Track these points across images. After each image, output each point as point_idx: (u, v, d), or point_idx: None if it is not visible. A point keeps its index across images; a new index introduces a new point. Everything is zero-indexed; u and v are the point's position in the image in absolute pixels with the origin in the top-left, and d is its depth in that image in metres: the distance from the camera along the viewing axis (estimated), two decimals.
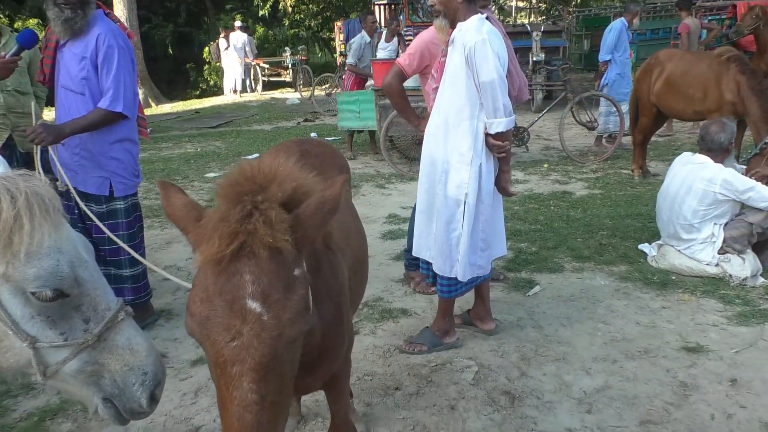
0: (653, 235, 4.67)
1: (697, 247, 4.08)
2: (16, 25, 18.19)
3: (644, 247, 4.50)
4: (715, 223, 4.04)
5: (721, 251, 4.03)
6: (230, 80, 17.51)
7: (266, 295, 1.15)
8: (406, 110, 3.72)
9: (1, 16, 17.96)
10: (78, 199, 2.82)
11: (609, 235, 4.89)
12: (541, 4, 22.98)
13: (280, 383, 1.20)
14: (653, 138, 7.18)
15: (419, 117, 3.74)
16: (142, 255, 3.62)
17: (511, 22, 19.72)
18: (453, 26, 3.03)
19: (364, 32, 9.11)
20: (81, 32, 3.20)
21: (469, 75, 2.92)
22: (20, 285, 1.26)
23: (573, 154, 7.91)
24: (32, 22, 17.62)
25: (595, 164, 7.63)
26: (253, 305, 1.14)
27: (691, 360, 3.09)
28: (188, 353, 3.30)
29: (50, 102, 4.16)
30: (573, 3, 24.18)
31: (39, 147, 2.95)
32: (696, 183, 4.03)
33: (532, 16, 23.34)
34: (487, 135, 2.98)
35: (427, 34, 3.49)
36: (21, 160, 3.65)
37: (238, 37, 16.88)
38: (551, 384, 2.94)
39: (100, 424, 2.71)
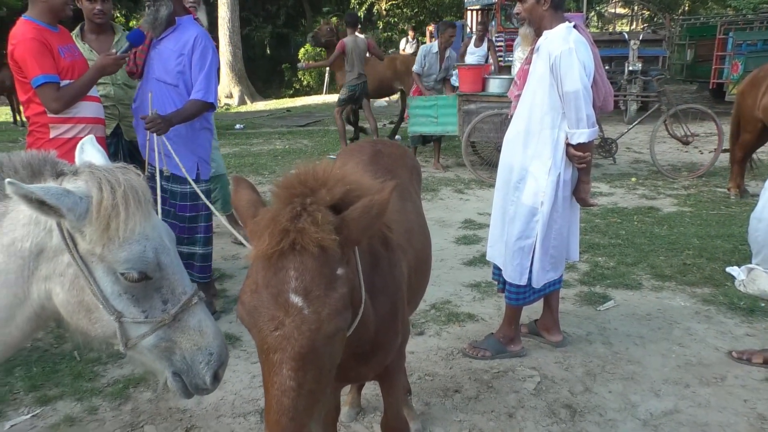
0: (744, 258, 4.39)
1: None
2: (131, 24, 19.59)
3: (732, 270, 4.25)
4: None
5: None
6: None
7: (308, 291, 1.23)
8: None
9: (118, 15, 19.39)
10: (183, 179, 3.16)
11: (695, 255, 4.66)
12: (643, 11, 22.03)
13: (318, 373, 1.27)
14: (755, 155, 6.72)
15: None
16: (212, 236, 3.88)
17: (609, 30, 19.04)
18: (539, 34, 3.02)
19: (435, 42, 8.48)
20: (162, 29, 3.48)
21: (552, 84, 2.90)
22: (112, 266, 1.41)
23: (664, 169, 7.56)
24: None
25: (687, 180, 7.26)
26: (296, 299, 1.22)
27: None
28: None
29: None
30: (680, 11, 23.01)
31: (153, 134, 3.29)
32: None
33: (634, 23, 22.39)
34: (568, 145, 2.95)
35: None
36: (125, 147, 3.98)
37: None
38: (616, 402, 2.86)
39: (176, 397, 2.91)
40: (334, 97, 17.82)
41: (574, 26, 2.93)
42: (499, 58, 10.52)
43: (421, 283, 2.30)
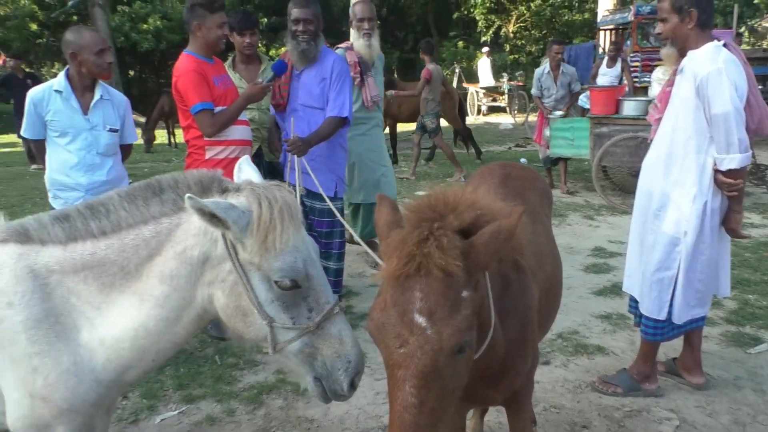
0: None
1: None
2: (270, 53, 21.09)
3: None
4: None
5: None
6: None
7: (432, 312, 1.27)
8: None
9: (260, 45, 20.94)
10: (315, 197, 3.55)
11: None
12: None
13: (441, 393, 1.30)
14: None
15: None
16: (344, 253, 4.06)
17: (764, 45, 17.48)
18: (682, 54, 2.87)
19: (547, 63, 8.34)
20: (314, 60, 3.77)
21: (698, 106, 2.73)
22: (267, 274, 1.54)
23: None
24: (283, 50, 20.30)
25: None
26: (420, 319, 1.27)
27: None
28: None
29: None
30: None
31: (294, 156, 3.53)
32: None
33: None
34: (716, 171, 2.75)
35: None
36: (265, 167, 4.28)
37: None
38: None
39: (305, 405, 3.06)
40: None
41: (724, 45, 2.75)
42: (635, 79, 10.02)
43: (551, 307, 2.26)
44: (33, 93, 3.20)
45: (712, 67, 2.63)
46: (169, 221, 1.56)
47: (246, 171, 1.74)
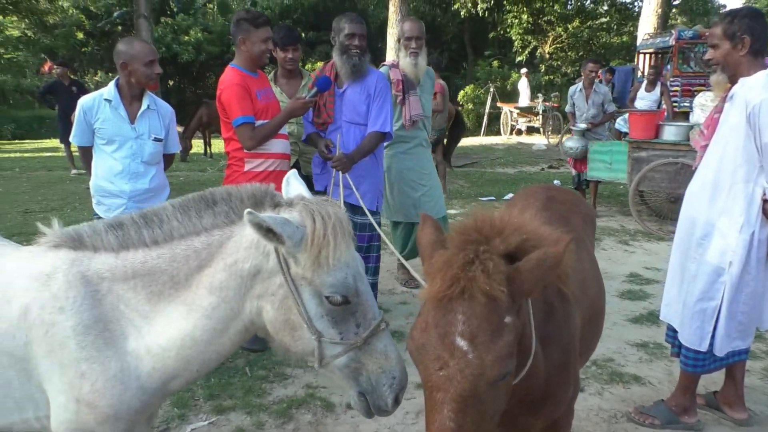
0: None
1: None
2: (306, 67, 21.39)
3: None
4: None
5: None
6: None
7: (474, 336, 1.25)
8: None
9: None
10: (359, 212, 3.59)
11: None
12: None
13: (479, 418, 1.27)
14: None
15: None
16: (379, 267, 4.09)
17: None
18: (732, 81, 2.82)
19: (581, 82, 8.29)
20: (363, 76, 3.80)
21: (749, 134, 2.67)
22: (318, 289, 1.54)
23: None
24: (319, 65, 20.60)
25: None
26: (461, 343, 1.25)
27: None
28: (414, 375, 3.48)
29: None
30: None
31: (338, 172, 3.62)
32: None
33: None
34: (765, 201, 2.69)
35: None
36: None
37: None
38: None
39: (334, 422, 3.04)
40: (492, 139, 17.90)
41: None
42: (674, 104, 9.87)
43: (593, 333, 2.22)
44: (84, 101, 3.29)
45: (765, 95, 2.58)
46: (221, 233, 1.58)
47: (294, 185, 1.76)
